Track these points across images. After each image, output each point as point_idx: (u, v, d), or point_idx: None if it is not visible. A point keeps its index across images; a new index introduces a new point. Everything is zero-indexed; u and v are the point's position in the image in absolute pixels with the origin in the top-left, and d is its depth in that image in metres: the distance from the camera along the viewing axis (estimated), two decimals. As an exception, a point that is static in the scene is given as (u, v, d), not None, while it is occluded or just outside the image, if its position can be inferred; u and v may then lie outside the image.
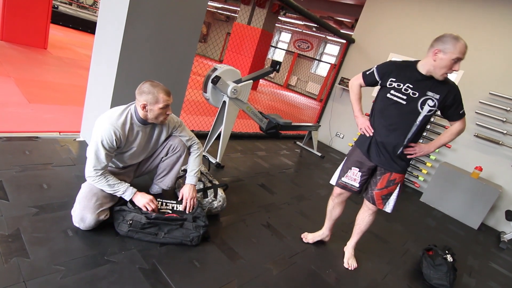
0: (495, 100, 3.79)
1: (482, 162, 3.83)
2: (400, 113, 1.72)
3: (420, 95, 1.67)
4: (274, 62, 3.15)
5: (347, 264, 2.04)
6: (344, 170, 1.94)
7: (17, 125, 2.50)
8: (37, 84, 3.65)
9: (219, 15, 17.52)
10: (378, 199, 1.87)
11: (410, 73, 1.69)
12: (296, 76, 15.04)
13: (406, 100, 1.69)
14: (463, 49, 1.57)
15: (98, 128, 1.58)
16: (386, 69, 1.77)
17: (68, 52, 6.18)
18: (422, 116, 1.69)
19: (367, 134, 1.83)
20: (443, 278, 2.09)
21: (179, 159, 1.96)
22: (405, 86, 1.69)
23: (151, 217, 1.62)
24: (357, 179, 1.88)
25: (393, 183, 1.83)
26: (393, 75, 1.72)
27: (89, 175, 1.59)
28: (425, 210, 3.71)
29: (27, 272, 1.26)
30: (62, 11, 9.72)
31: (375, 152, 1.81)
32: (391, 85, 1.72)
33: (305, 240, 2.17)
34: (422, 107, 1.68)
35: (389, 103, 1.74)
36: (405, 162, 1.82)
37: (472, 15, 4.00)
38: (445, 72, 1.62)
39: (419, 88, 1.67)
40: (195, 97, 4.26)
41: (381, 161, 1.81)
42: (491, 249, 3.14)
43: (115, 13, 2.15)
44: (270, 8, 9.49)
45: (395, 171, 1.81)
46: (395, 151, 1.77)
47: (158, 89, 1.61)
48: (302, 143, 4.83)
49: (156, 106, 1.62)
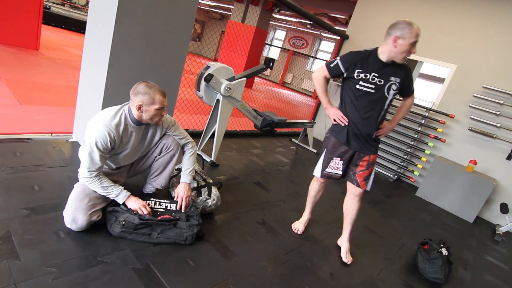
0: (489, 94, 3.80)
1: (476, 155, 3.85)
2: (370, 102, 1.83)
3: (385, 82, 1.79)
4: (267, 59, 3.14)
5: (345, 258, 2.06)
6: (326, 161, 2.03)
7: (8, 127, 2.46)
8: (28, 86, 3.61)
9: (213, 14, 17.44)
10: (361, 180, 2.00)
11: (373, 62, 1.78)
12: (292, 73, 15.03)
13: (375, 89, 1.80)
14: (418, 32, 1.68)
15: (92, 129, 1.56)
16: (351, 61, 1.81)
17: (60, 53, 6.12)
18: (389, 100, 1.85)
19: (342, 124, 1.92)
20: (438, 271, 2.09)
21: (172, 158, 1.94)
22: (371, 76, 1.78)
23: (144, 218, 1.61)
24: (340, 167, 2.01)
25: (372, 164, 1.98)
26: (359, 66, 1.80)
27: (83, 176, 1.57)
28: (421, 205, 3.72)
29: (18, 274, 1.24)
30: (55, 12, 9.62)
31: (354, 139, 1.93)
32: (359, 77, 1.80)
33: (299, 232, 2.23)
34: (388, 92, 1.82)
35: (359, 94, 1.83)
36: (378, 143, 2.01)
37: (465, 9, 4.01)
38: (405, 56, 1.74)
39: (383, 75, 1.78)
40: (189, 96, 4.24)
41: (360, 147, 1.95)
42: (486, 242, 3.16)
43: (105, 12, 2.13)
44: (264, 5, 9.47)
45: (372, 153, 1.97)
46: (370, 135, 1.92)
47: (154, 90, 1.60)
48: (298, 140, 4.83)
49: (152, 107, 1.61)
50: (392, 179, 4.38)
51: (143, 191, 2.05)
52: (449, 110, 4.05)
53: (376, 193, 3.63)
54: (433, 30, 4.23)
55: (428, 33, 4.26)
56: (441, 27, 4.18)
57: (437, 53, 4.22)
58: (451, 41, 4.11)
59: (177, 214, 1.75)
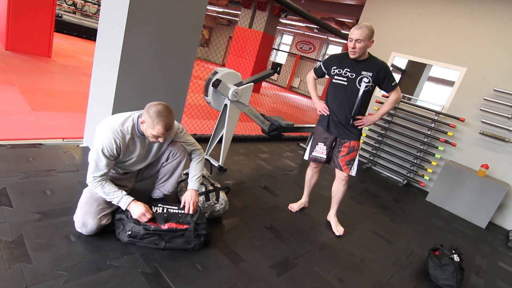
0: (500, 97, 3.74)
1: (488, 159, 3.78)
2: (344, 92, 2.18)
3: (356, 75, 2.12)
4: (274, 64, 3.16)
5: (336, 231, 2.38)
6: (313, 146, 2.39)
7: (21, 132, 2.52)
8: (41, 92, 3.69)
9: (220, 20, 17.62)
10: (343, 165, 2.29)
11: (346, 60, 2.15)
12: (299, 78, 15.04)
13: (347, 81, 2.15)
14: (353, 30, 2.03)
15: (99, 135, 1.57)
16: (329, 61, 2.27)
17: (72, 59, 6.25)
18: (361, 91, 2.14)
19: (325, 114, 2.29)
20: (450, 278, 2.05)
21: (179, 164, 1.94)
22: (344, 71, 2.15)
23: (150, 228, 1.61)
24: (324, 151, 2.34)
25: (353, 150, 2.26)
26: (334, 64, 2.20)
27: (88, 181, 1.59)
28: (431, 210, 3.66)
29: (30, 277, 1.26)
30: (66, 20, 9.85)
31: (333, 126, 2.28)
32: (334, 72, 2.20)
33: (293, 210, 2.55)
34: (360, 84, 2.12)
35: (335, 86, 2.22)
36: (358, 131, 2.27)
37: (474, 12, 3.96)
38: (352, 52, 2.07)
39: (355, 70, 2.12)
40: (197, 101, 4.27)
41: (339, 133, 2.27)
42: (499, 248, 3.09)
43: (115, 19, 2.17)
44: (271, 11, 9.52)
45: (352, 139, 2.26)
46: (347, 122, 2.22)
47: (160, 120, 1.55)
48: (305, 145, 4.81)
49: (149, 131, 1.58)
50: (401, 184, 4.33)
51: (152, 196, 2.07)
52: (459, 113, 4.00)
53: (386, 198, 3.59)
54: (442, 33, 4.19)
55: (437, 36, 4.22)
56: (450, 30, 4.14)
57: (446, 56, 4.18)
58: (460, 43, 4.06)
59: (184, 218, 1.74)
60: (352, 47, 2.04)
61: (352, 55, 2.07)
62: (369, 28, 2.01)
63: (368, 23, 2.03)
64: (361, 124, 2.23)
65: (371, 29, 2.02)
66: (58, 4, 11.92)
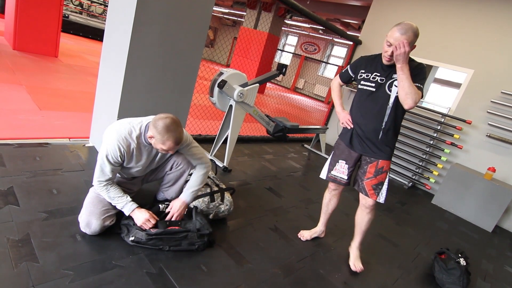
0: (507, 99, 3.70)
1: (495, 163, 3.74)
2: (372, 99, 1.79)
3: (386, 79, 1.75)
4: (280, 65, 3.15)
5: (353, 266, 2.00)
6: (332, 163, 2.02)
7: (28, 131, 2.54)
8: (47, 92, 3.72)
9: (225, 20, 17.65)
10: (370, 189, 1.88)
11: (378, 63, 1.79)
12: (304, 79, 15.01)
13: (375, 87, 1.78)
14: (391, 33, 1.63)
15: (106, 141, 1.57)
16: (357, 63, 1.90)
17: (78, 59, 6.30)
18: (393, 98, 1.74)
19: (348, 127, 1.92)
20: (456, 282, 2.03)
21: (183, 174, 1.94)
22: (372, 75, 1.79)
23: (152, 233, 1.60)
24: (345, 171, 1.96)
25: (381, 171, 1.84)
26: (363, 67, 1.85)
27: (94, 184, 1.61)
28: (437, 213, 3.63)
29: (36, 276, 1.27)
30: (73, 20, 9.93)
31: (357, 141, 1.88)
32: (361, 76, 1.84)
33: (303, 239, 2.18)
34: (390, 89, 1.74)
35: (361, 93, 1.85)
36: (390, 148, 1.84)
37: (481, 14, 3.93)
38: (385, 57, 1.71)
39: (385, 73, 1.75)
40: (202, 102, 4.28)
41: (365, 150, 1.87)
42: (506, 252, 3.05)
43: (122, 20, 2.18)
44: (276, 11, 9.53)
45: (381, 158, 1.84)
46: (375, 136, 1.81)
47: (169, 136, 1.51)
48: (310, 146, 4.80)
49: (159, 145, 1.56)
50: (406, 186, 4.30)
51: (156, 198, 2.07)
52: (466, 116, 3.96)
53: (391, 201, 3.56)
54: (448, 35, 4.16)
55: (444, 38, 4.19)
56: (457, 31, 4.10)
57: (453, 57, 4.14)
58: (467, 45, 4.03)
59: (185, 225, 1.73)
60: (389, 54, 1.65)
61: (387, 61, 1.71)
62: (415, 32, 1.59)
63: (414, 25, 1.60)
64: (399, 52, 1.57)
65: (416, 33, 1.60)
66: (65, 4, 12.03)
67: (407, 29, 1.57)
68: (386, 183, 1.87)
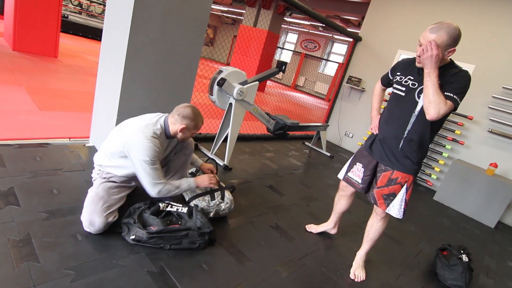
0: (509, 94, 3.68)
1: (497, 158, 3.73)
2: (399, 104, 1.69)
3: (419, 85, 1.60)
4: (280, 62, 3.14)
5: (353, 274, 1.90)
6: (350, 165, 1.98)
7: (28, 132, 2.54)
8: (47, 92, 3.72)
9: (225, 18, 17.62)
10: (379, 198, 1.77)
11: (413, 66, 1.66)
12: (304, 76, 14.98)
13: (405, 91, 1.66)
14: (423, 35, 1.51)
15: (138, 148, 1.60)
16: (396, 65, 1.81)
17: (78, 59, 6.29)
18: (420, 105, 1.60)
19: (375, 133, 1.87)
20: (458, 278, 2.03)
21: (187, 158, 2.04)
22: (406, 78, 1.68)
23: (152, 231, 1.60)
24: (360, 175, 1.88)
25: (394, 183, 1.72)
26: (399, 70, 1.75)
27: (155, 191, 1.64)
28: (439, 209, 3.62)
29: (37, 276, 1.27)
30: (72, 20, 9.92)
31: (378, 147, 1.80)
32: (396, 79, 1.74)
33: (308, 229, 2.26)
34: (419, 95, 1.60)
35: (391, 98, 1.76)
36: (411, 161, 1.68)
37: (482, 9, 3.90)
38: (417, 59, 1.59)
39: (419, 78, 1.61)
40: (202, 100, 4.27)
41: (382, 158, 1.77)
42: (509, 248, 3.04)
43: (120, 19, 2.17)
44: (275, 9, 9.49)
45: (397, 169, 1.71)
46: (396, 145, 1.69)
47: (200, 118, 1.75)
48: (311, 144, 4.79)
49: (192, 131, 1.76)
50: (408, 183, 4.28)
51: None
52: (467, 111, 3.94)
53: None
54: (449, 30, 4.13)
55: (444, 33, 4.16)
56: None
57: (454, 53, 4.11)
58: (468, 41, 4.00)
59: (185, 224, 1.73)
60: (418, 54, 1.53)
61: (418, 63, 1.58)
62: (449, 33, 1.42)
63: (453, 24, 1.43)
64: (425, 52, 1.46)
65: (452, 34, 1.43)
66: (64, 4, 12.03)
67: (439, 28, 1.43)
68: (401, 196, 1.73)
